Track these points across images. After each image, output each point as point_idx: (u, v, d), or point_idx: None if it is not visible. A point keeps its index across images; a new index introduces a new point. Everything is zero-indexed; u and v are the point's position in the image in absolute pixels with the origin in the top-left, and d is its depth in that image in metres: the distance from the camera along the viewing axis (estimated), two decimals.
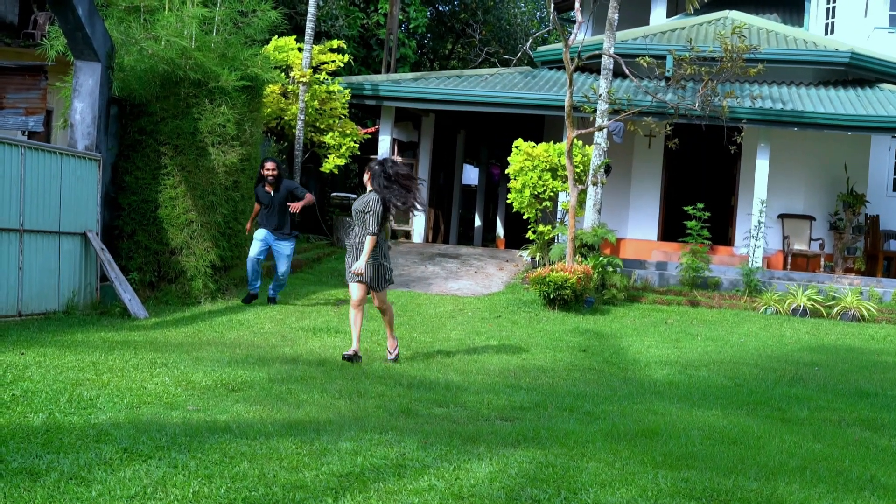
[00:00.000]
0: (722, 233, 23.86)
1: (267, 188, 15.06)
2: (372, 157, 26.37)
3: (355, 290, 10.83)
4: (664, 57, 21.11)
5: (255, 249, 14.84)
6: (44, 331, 11.47)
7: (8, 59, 17.54)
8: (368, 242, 10.63)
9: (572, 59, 18.48)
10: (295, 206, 15.09)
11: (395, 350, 11.23)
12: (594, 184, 19.35)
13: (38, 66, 15.66)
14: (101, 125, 14.64)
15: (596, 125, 19.35)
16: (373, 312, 15.01)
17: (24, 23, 21.90)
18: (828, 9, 26.87)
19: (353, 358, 10.56)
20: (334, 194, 24.94)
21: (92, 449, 5.80)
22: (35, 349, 9.84)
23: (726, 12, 26.05)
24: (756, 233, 21.22)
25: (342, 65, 22.58)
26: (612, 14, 19.70)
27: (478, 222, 32.60)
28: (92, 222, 14.19)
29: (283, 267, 15.11)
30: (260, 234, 14.96)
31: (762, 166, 21.62)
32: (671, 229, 23.68)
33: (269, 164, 15.07)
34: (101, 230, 14.49)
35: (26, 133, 15.79)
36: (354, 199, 26.59)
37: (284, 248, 15.05)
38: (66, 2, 13.68)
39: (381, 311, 11.21)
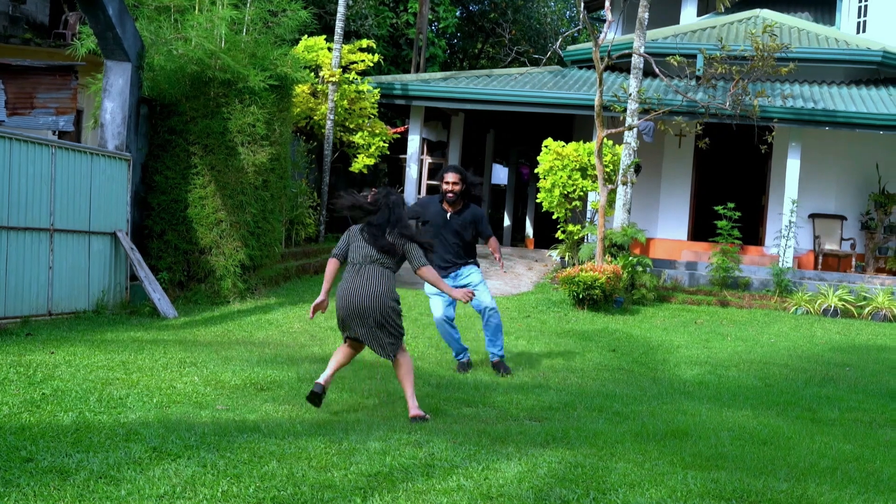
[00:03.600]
0: (752, 233, 23.72)
1: (448, 208, 10.82)
2: (402, 156, 26.48)
3: None
4: (694, 56, 21.01)
5: (437, 307, 10.79)
6: (73, 330, 11.53)
7: (39, 58, 17.64)
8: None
9: (602, 59, 18.42)
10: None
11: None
12: (624, 183, 19.28)
13: (68, 66, 15.74)
14: (131, 125, 14.71)
15: (626, 124, 19.28)
16: (404, 313, 15.03)
17: (54, 23, 22.06)
18: (860, 7, 26.67)
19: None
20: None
21: (121, 448, 5.81)
22: (65, 348, 9.89)
23: (757, 11, 25.90)
24: (787, 232, 21.09)
25: (371, 64, 22.59)
26: (643, 13, 19.63)
27: (507, 222, 32.56)
28: (122, 222, 14.25)
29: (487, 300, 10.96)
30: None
31: (793, 166, 21.48)
32: (701, 229, 23.56)
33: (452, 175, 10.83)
34: (131, 230, 14.55)
35: (57, 133, 15.87)
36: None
37: (468, 279, 10.98)
38: (97, 2, 13.74)
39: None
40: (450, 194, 10.67)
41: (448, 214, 10.76)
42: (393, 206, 7.99)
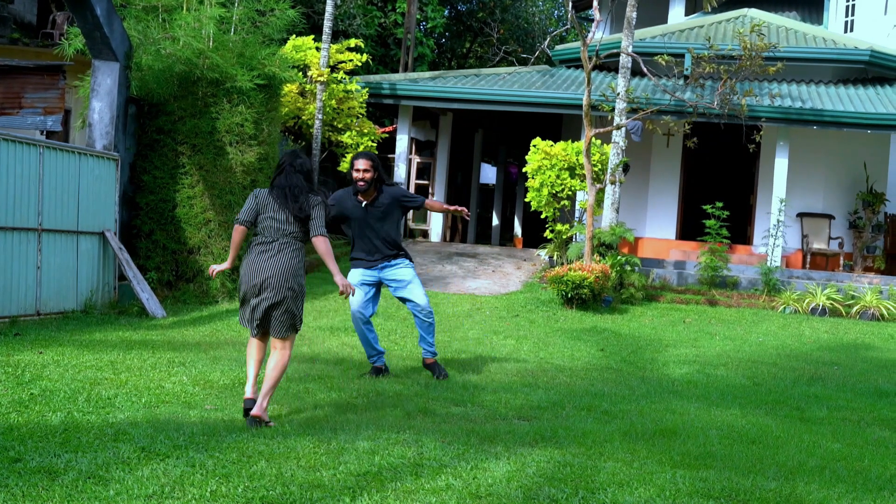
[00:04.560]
0: (740, 232, 23.77)
1: (362, 198, 9.93)
2: (390, 156, 26.47)
3: None
4: (682, 55, 21.04)
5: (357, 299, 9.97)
6: (62, 330, 11.51)
7: (26, 58, 17.61)
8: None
9: (590, 58, 18.44)
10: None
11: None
12: (612, 183, 19.30)
13: (56, 66, 15.71)
14: (119, 125, 14.68)
15: (614, 124, 19.30)
16: (393, 312, 15.04)
17: (42, 22, 21.99)
18: (847, 6, 26.76)
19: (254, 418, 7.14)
20: None
21: (110, 448, 5.81)
22: (53, 348, 9.88)
23: (745, 10, 25.96)
24: (775, 232, 21.13)
25: (360, 64, 22.58)
26: (631, 12, 19.65)
27: (495, 221, 32.57)
28: (110, 222, 14.23)
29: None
30: (353, 275, 10.11)
31: (781, 165, 21.53)
32: (689, 228, 23.61)
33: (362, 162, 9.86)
34: (120, 229, 14.53)
35: (45, 132, 15.84)
36: None
37: (399, 274, 10.14)
38: (85, 2, 13.72)
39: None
40: (361, 183, 9.74)
41: (364, 205, 9.89)
42: (300, 168, 7.43)
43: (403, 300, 10.08)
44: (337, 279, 7.46)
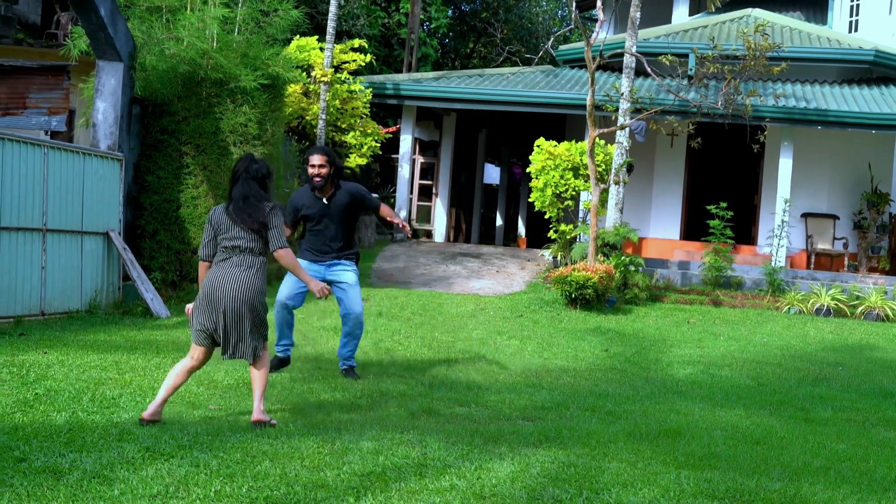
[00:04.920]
0: (745, 232, 23.75)
1: (320, 194, 9.64)
2: (394, 156, 26.48)
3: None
4: (686, 55, 21.01)
5: (287, 287, 9.74)
6: (66, 330, 11.52)
7: (31, 59, 17.60)
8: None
9: (594, 58, 18.43)
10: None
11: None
12: (616, 183, 19.29)
13: (60, 66, 15.71)
14: (123, 125, 14.69)
15: (618, 124, 19.28)
16: (397, 312, 15.04)
17: (46, 23, 21.99)
18: (851, 6, 26.73)
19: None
20: None
21: (114, 448, 5.81)
22: (58, 348, 9.88)
23: (749, 10, 25.94)
24: (779, 232, 21.11)
25: (363, 64, 22.59)
26: (635, 12, 19.64)
27: (499, 221, 32.57)
28: (114, 222, 14.23)
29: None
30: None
31: (785, 165, 21.51)
32: (694, 228, 23.58)
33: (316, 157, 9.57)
34: (124, 229, 14.54)
35: (49, 133, 15.85)
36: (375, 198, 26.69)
37: (345, 276, 9.78)
38: (89, 2, 13.73)
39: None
40: (317, 178, 9.40)
41: (322, 201, 9.53)
42: (255, 174, 7.06)
43: (340, 301, 9.72)
44: (311, 287, 7.43)
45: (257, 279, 7.00)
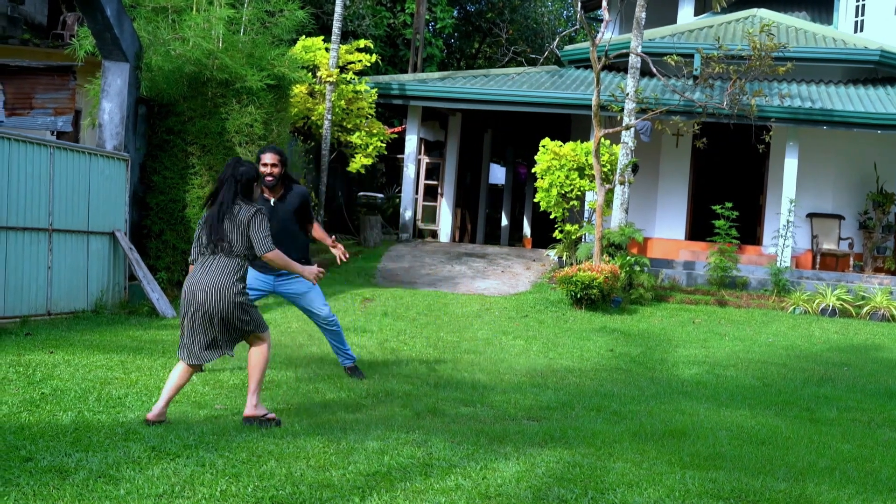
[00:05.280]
0: (750, 232, 23.74)
1: (269, 195, 9.24)
2: (399, 156, 26.49)
3: None
4: (692, 55, 21.02)
5: None
6: (72, 330, 11.53)
7: (37, 59, 17.63)
8: None
9: (599, 58, 18.43)
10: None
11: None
12: (621, 183, 19.29)
13: (66, 67, 15.75)
14: (129, 125, 14.71)
15: (623, 124, 19.28)
16: (402, 312, 15.05)
17: (52, 23, 22.02)
18: (857, 6, 26.69)
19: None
20: (361, 194, 24.95)
21: (120, 447, 5.82)
22: (64, 348, 9.90)
23: (754, 10, 25.92)
24: (784, 232, 21.10)
25: (369, 64, 22.61)
26: (640, 13, 19.63)
27: (504, 221, 32.56)
28: (120, 222, 14.25)
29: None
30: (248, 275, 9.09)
31: (791, 165, 21.49)
32: (699, 229, 23.58)
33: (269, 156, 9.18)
34: (130, 229, 14.55)
35: (55, 133, 15.87)
36: (379, 199, 26.71)
37: (297, 286, 9.35)
38: (95, 3, 13.74)
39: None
40: (269, 178, 8.98)
41: (272, 202, 9.10)
42: (240, 177, 7.04)
43: (304, 310, 9.41)
44: (305, 274, 7.31)
45: (229, 276, 6.87)
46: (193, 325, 6.87)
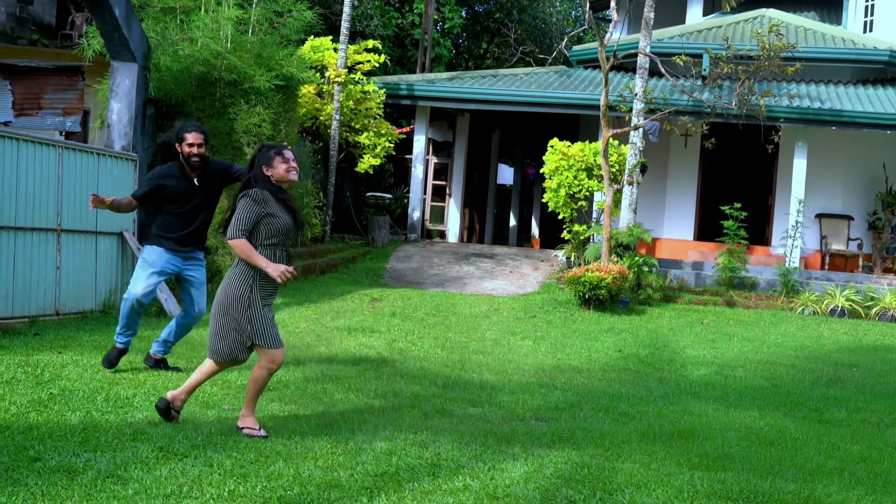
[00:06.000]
0: (759, 233, 23.71)
1: (190, 174, 8.80)
2: (407, 156, 26.46)
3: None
4: (700, 56, 20.99)
5: (144, 282, 8.84)
6: (81, 330, 11.54)
7: (46, 59, 17.67)
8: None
9: (608, 59, 18.41)
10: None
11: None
12: (630, 183, 19.27)
13: (75, 67, 15.76)
14: (137, 125, 14.72)
15: (632, 124, 19.26)
16: (410, 313, 15.04)
17: (61, 24, 22.08)
18: (866, 6, 26.63)
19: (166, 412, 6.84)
20: (369, 194, 24.96)
21: (128, 447, 5.82)
22: (72, 348, 9.91)
23: (763, 11, 25.88)
24: (793, 233, 21.06)
25: (377, 65, 22.61)
26: (648, 13, 19.61)
27: (513, 222, 32.55)
28: (129, 222, 14.26)
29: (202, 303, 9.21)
30: (155, 255, 8.89)
31: (800, 165, 21.46)
32: (707, 229, 23.54)
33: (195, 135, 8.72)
34: (138, 230, 14.57)
35: (64, 133, 15.89)
36: (387, 199, 26.70)
37: (199, 274, 9.17)
38: (104, 3, 13.76)
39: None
40: (195, 158, 8.56)
41: (195, 181, 8.69)
42: (255, 159, 6.74)
43: (186, 296, 9.02)
44: (270, 271, 6.46)
45: (228, 278, 6.65)
46: None
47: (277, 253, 6.56)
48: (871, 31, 26.17)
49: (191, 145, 8.54)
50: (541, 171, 21.06)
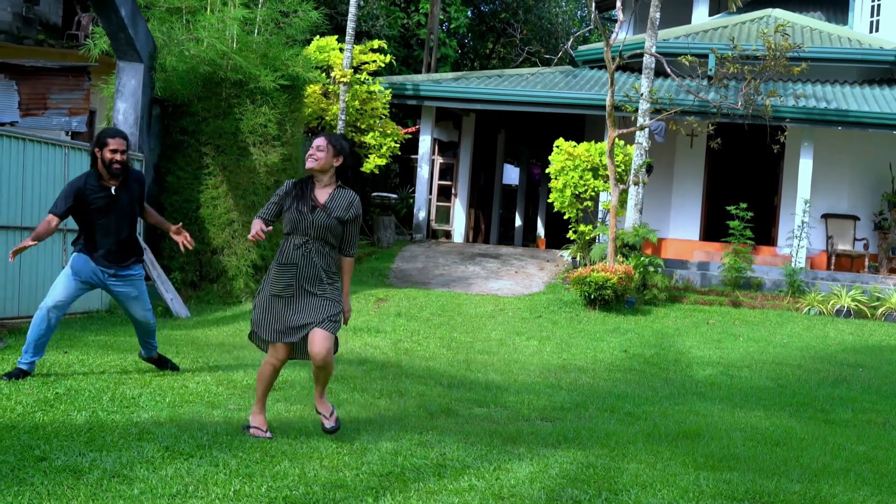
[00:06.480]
0: (764, 233, 23.67)
1: (110, 182, 8.29)
2: (413, 156, 26.45)
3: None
4: (706, 56, 20.97)
5: (63, 289, 8.33)
6: (87, 330, 11.56)
7: (52, 59, 17.71)
8: (350, 266, 6.76)
9: (613, 59, 18.40)
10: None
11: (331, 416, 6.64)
12: (635, 183, 19.26)
13: (81, 67, 15.79)
14: (143, 125, 14.74)
15: (637, 124, 19.25)
16: (416, 313, 15.05)
17: (67, 24, 22.12)
18: (872, 6, 26.59)
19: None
20: (375, 194, 24.96)
21: (134, 447, 5.83)
22: (78, 348, 9.91)
23: (769, 10, 25.85)
24: (799, 233, 21.04)
25: (383, 65, 22.61)
26: (654, 13, 19.60)
27: (518, 222, 32.55)
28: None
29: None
30: (81, 262, 8.36)
31: (806, 166, 21.43)
32: (713, 229, 23.51)
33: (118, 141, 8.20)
34: (144, 230, 14.58)
35: (70, 133, 15.91)
36: (393, 199, 26.68)
37: (128, 288, 8.52)
38: (110, 3, 13.78)
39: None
40: (116, 165, 8.08)
41: (113, 190, 8.18)
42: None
43: (127, 310, 8.56)
44: (347, 311, 6.62)
45: None
46: None
47: (291, 241, 6.52)
48: (877, 31, 26.12)
49: (113, 151, 8.10)
50: (546, 171, 21.06)
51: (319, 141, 6.56)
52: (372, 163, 21.89)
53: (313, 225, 6.43)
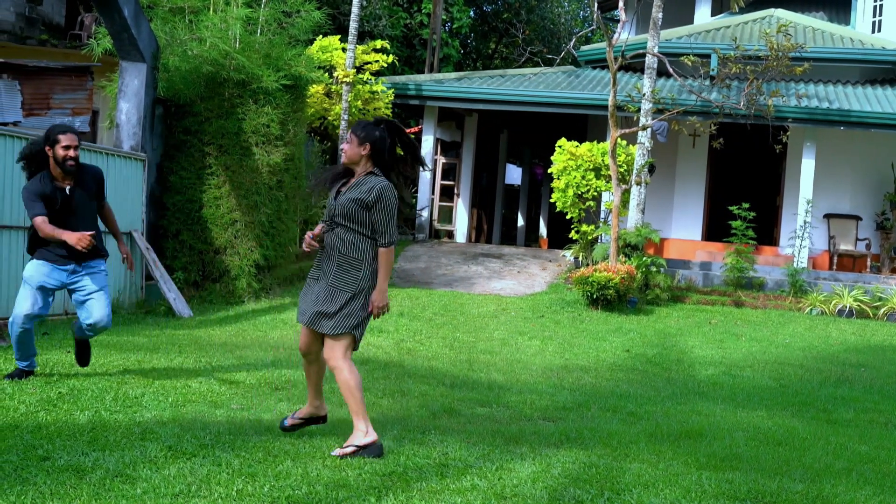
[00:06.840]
0: (767, 233, 23.66)
1: (64, 182, 7.92)
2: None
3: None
4: (709, 56, 20.96)
5: (23, 302, 7.92)
6: None
7: (55, 59, 17.72)
8: (386, 257, 6.29)
9: (616, 59, 18.40)
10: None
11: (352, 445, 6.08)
12: (638, 183, 19.26)
13: (84, 67, 15.81)
14: (146, 125, 14.75)
15: (640, 125, 19.25)
16: (418, 313, 15.05)
17: (70, 24, 22.13)
18: (875, 6, 26.58)
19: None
20: None
21: (137, 447, 5.83)
22: None
23: (772, 11, 25.85)
24: (801, 233, 21.04)
25: (386, 65, 22.62)
26: (657, 13, 19.60)
27: (521, 222, 32.54)
28: (137, 222, 14.30)
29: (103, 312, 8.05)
30: (33, 269, 7.96)
31: (808, 166, 21.43)
32: (715, 229, 23.51)
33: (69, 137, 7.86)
34: (147, 230, 14.60)
35: None
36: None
37: (91, 282, 8.03)
38: (113, 3, 13.79)
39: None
40: (70, 162, 7.74)
41: (67, 189, 7.83)
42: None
43: (79, 308, 8.04)
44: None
45: None
46: None
47: (326, 227, 6.44)
48: (879, 31, 26.11)
49: (66, 147, 7.74)
50: (549, 171, 21.06)
51: (350, 133, 6.44)
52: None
53: (335, 210, 6.35)
